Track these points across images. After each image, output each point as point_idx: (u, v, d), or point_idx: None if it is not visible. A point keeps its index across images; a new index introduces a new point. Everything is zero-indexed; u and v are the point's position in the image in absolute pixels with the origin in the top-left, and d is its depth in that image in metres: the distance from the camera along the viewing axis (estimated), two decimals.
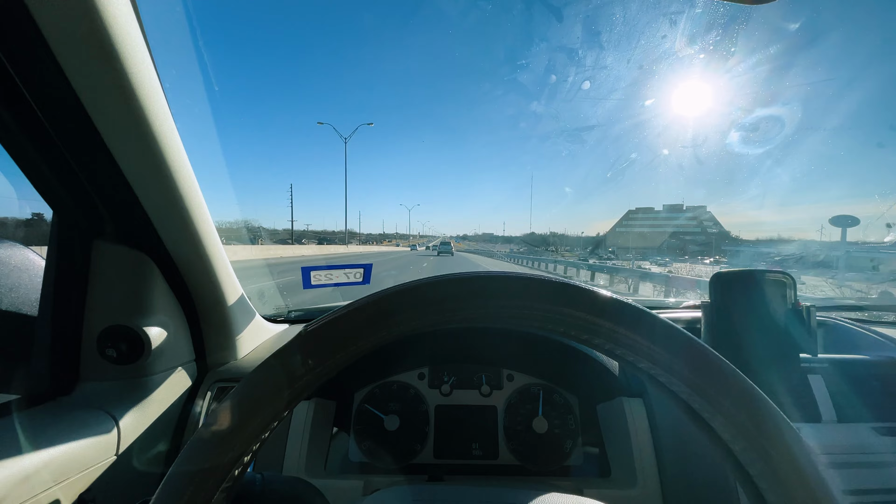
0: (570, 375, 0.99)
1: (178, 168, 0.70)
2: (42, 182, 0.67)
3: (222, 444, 0.31)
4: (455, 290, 0.35)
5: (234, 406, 0.32)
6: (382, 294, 0.35)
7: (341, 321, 0.34)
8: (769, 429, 0.32)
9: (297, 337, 0.34)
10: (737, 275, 0.84)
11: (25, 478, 0.57)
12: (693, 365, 0.33)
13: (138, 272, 0.77)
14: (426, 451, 0.95)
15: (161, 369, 0.82)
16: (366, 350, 0.34)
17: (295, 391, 0.33)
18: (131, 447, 0.73)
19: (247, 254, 19.56)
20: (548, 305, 0.34)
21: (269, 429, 0.33)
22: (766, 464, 0.32)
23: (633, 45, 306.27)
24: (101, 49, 0.54)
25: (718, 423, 0.34)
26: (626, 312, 0.34)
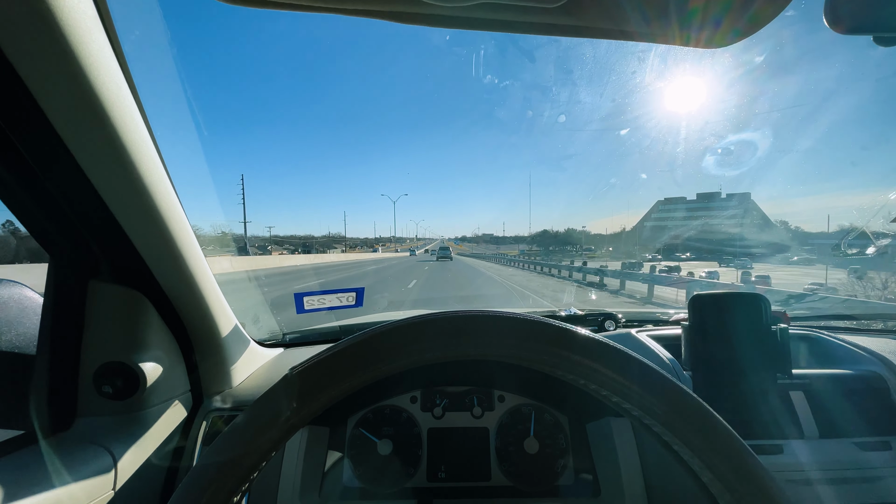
0: (559, 395, 1.01)
1: (167, 209, 0.72)
2: (37, 227, 0.70)
3: (212, 485, 0.33)
4: (436, 330, 0.37)
5: (222, 449, 0.34)
6: (365, 336, 0.36)
7: (325, 363, 0.35)
8: (735, 465, 0.34)
9: (282, 380, 0.35)
10: (713, 296, 0.86)
11: None
12: (666, 404, 0.36)
13: (133, 309, 0.80)
14: (419, 475, 0.96)
15: (156, 402, 0.84)
16: (350, 390, 0.36)
17: (281, 432, 0.35)
18: (128, 482, 0.75)
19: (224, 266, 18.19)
20: (527, 344, 0.37)
21: (258, 468, 0.35)
22: (730, 494, 0.34)
23: (605, 81, 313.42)
24: (91, 107, 0.56)
25: (696, 465, 0.36)
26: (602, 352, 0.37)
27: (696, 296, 0.87)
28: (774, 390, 0.83)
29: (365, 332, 0.37)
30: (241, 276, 13.05)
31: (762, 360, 0.82)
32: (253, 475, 0.35)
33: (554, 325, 0.37)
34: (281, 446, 0.36)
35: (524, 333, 0.37)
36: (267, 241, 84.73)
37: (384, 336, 0.37)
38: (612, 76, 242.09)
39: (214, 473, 0.33)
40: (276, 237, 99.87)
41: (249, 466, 0.34)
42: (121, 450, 0.76)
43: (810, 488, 0.78)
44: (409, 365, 0.37)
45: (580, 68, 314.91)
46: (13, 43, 0.49)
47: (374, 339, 0.36)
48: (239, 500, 0.36)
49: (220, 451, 0.34)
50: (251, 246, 79.89)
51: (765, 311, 0.83)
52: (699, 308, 0.87)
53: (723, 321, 0.84)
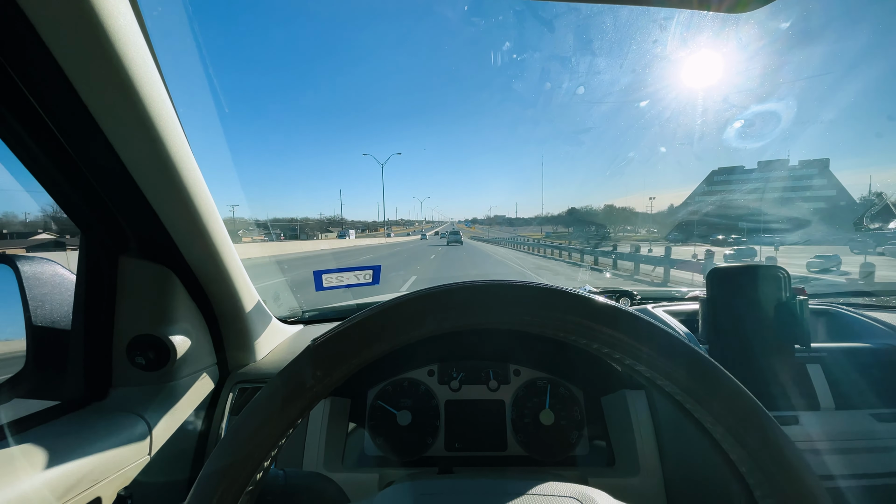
0: (575, 369, 1.02)
1: (194, 187, 0.74)
2: (70, 206, 0.72)
3: (243, 452, 0.35)
4: (453, 300, 0.38)
5: (251, 417, 0.35)
6: (384, 306, 0.37)
7: (346, 334, 0.37)
8: (754, 428, 0.35)
9: (305, 350, 0.37)
10: (733, 269, 0.86)
11: (68, 477, 0.62)
12: (685, 368, 0.36)
13: (161, 284, 0.82)
14: (437, 444, 0.99)
15: (186, 374, 0.88)
16: (370, 360, 0.37)
17: (306, 400, 0.36)
18: (163, 448, 0.79)
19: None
20: (548, 312, 0.37)
21: (286, 435, 0.37)
22: (754, 462, 0.35)
23: (626, 51, 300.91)
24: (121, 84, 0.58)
25: (709, 423, 0.37)
26: (622, 319, 0.37)
27: (715, 269, 0.87)
28: (792, 362, 0.83)
29: (384, 303, 0.38)
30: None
31: (780, 332, 0.83)
32: (280, 442, 0.37)
33: (571, 293, 0.38)
34: (306, 414, 0.37)
35: (542, 302, 0.37)
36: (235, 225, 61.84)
37: (402, 307, 0.37)
38: (633, 45, 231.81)
39: (245, 440, 0.35)
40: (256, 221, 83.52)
41: (277, 434, 0.35)
42: (154, 418, 0.79)
43: (825, 458, 0.79)
44: (428, 334, 0.38)
45: (600, 38, 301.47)
46: (45, 22, 0.51)
47: (393, 310, 0.37)
48: (268, 465, 0.38)
49: (249, 419, 0.35)
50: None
51: (784, 283, 0.83)
52: (717, 281, 0.87)
53: (741, 294, 0.84)
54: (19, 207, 24.53)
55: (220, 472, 0.34)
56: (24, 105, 0.59)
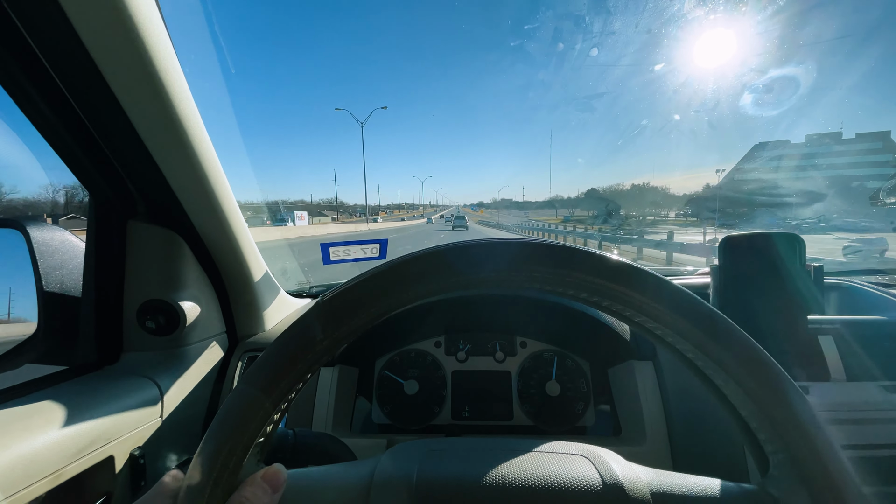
0: (581, 341, 1.02)
1: (202, 151, 0.74)
2: (79, 168, 0.72)
3: (254, 403, 0.34)
4: (463, 257, 0.37)
5: (262, 369, 0.35)
6: (394, 263, 0.37)
7: (355, 289, 0.36)
8: (767, 381, 0.34)
9: (315, 305, 0.37)
10: (746, 238, 0.85)
11: (81, 435, 0.63)
12: (699, 325, 0.35)
13: (170, 249, 0.83)
14: (444, 413, 1.00)
15: (196, 340, 0.88)
16: (380, 316, 0.37)
17: (316, 354, 0.36)
18: (174, 411, 0.80)
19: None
20: (559, 270, 0.36)
21: (296, 389, 0.36)
22: (772, 428, 0.34)
23: (641, 9, 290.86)
24: (130, 42, 0.57)
25: (721, 380, 0.36)
26: (634, 276, 0.36)
27: (728, 237, 0.86)
28: (804, 332, 0.82)
29: (393, 260, 0.37)
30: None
31: (793, 300, 0.82)
32: (290, 395, 0.36)
33: (587, 251, 0.37)
34: (316, 369, 0.37)
35: (557, 259, 0.36)
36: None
37: (413, 262, 0.37)
38: (649, 3, 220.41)
39: (257, 392, 0.35)
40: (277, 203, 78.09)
41: (287, 388, 0.35)
42: (166, 382, 0.80)
43: (835, 428, 0.79)
44: (438, 291, 0.37)
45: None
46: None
47: (403, 266, 0.37)
48: (279, 418, 0.38)
49: (260, 369, 0.35)
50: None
51: (799, 251, 0.81)
52: (731, 249, 0.85)
53: (754, 262, 0.83)
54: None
55: (231, 423, 0.34)
56: (34, 64, 0.59)
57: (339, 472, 0.42)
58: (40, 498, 0.58)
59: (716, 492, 0.37)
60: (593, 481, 0.38)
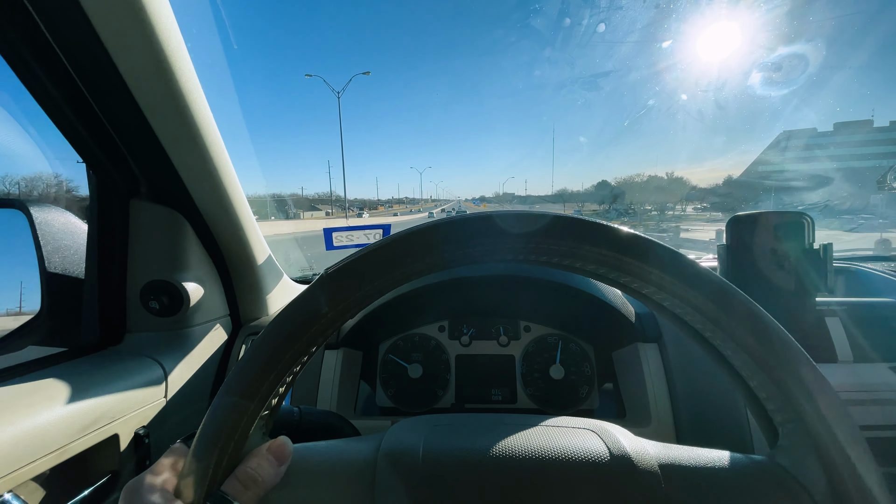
0: (586, 325, 1.02)
1: (207, 130, 0.73)
2: (81, 144, 0.71)
3: (259, 375, 0.34)
4: (468, 229, 0.36)
5: (267, 341, 0.35)
6: (397, 236, 0.36)
7: (359, 262, 0.36)
8: (777, 348, 0.34)
9: (319, 279, 0.36)
10: (754, 217, 0.84)
11: (86, 412, 0.63)
12: (702, 291, 0.35)
13: (173, 229, 0.82)
14: (447, 397, 1.00)
15: (199, 322, 0.88)
16: (383, 289, 0.36)
17: (321, 327, 0.36)
18: (178, 392, 0.80)
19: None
20: (568, 242, 0.36)
21: (300, 362, 0.36)
22: (775, 385, 0.34)
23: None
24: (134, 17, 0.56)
25: (730, 350, 0.36)
26: (645, 247, 0.36)
27: (736, 216, 0.85)
28: (812, 313, 0.82)
29: (396, 233, 0.37)
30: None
31: (802, 279, 0.81)
32: (295, 369, 0.36)
33: (596, 222, 0.36)
34: (321, 343, 0.37)
35: (564, 231, 0.35)
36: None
37: (418, 235, 0.36)
38: None
39: (262, 362, 0.34)
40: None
41: (292, 359, 0.35)
42: (170, 362, 0.80)
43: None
44: (443, 265, 0.37)
45: None
46: None
47: (406, 239, 0.36)
48: (283, 392, 0.38)
49: (265, 342, 0.35)
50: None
51: (808, 230, 0.81)
52: (739, 228, 0.85)
53: (762, 240, 0.82)
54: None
55: (237, 395, 0.34)
56: (38, 39, 0.58)
57: (345, 446, 0.42)
58: (45, 473, 0.58)
59: (725, 463, 0.37)
60: (601, 453, 0.37)
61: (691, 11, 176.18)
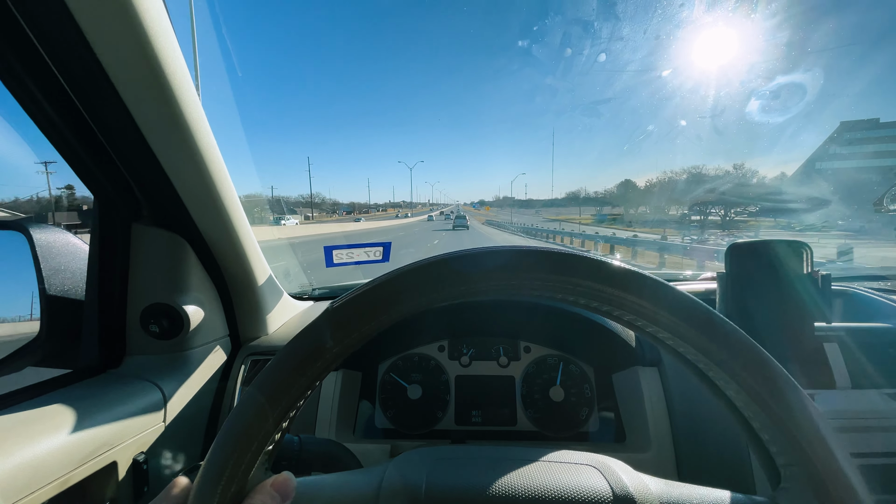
0: (586, 346, 1.02)
1: (208, 154, 0.73)
2: (84, 171, 0.71)
3: (262, 412, 0.34)
4: (472, 265, 0.37)
5: (270, 378, 0.35)
6: (402, 270, 0.37)
7: (365, 297, 0.36)
8: (780, 393, 0.34)
9: (324, 312, 0.36)
10: (753, 245, 0.85)
11: (85, 441, 0.63)
12: (703, 330, 0.35)
13: (174, 253, 0.82)
14: (447, 418, 1.00)
15: (199, 344, 0.88)
16: (388, 323, 0.37)
17: (325, 362, 0.36)
18: (177, 416, 0.80)
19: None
20: (560, 276, 0.36)
21: (304, 397, 0.36)
22: (778, 430, 0.34)
23: (650, 15, 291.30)
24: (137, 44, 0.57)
25: (732, 391, 0.36)
26: (636, 281, 0.36)
27: (735, 244, 0.86)
28: (810, 340, 0.82)
29: (400, 268, 0.37)
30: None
31: (801, 307, 0.81)
32: (299, 403, 0.36)
33: (586, 257, 0.37)
34: (324, 376, 0.37)
35: (561, 266, 0.36)
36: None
37: (422, 270, 0.37)
38: (658, 10, 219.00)
39: (264, 399, 0.34)
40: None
41: (297, 395, 0.35)
42: (169, 386, 0.80)
43: (842, 436, 0.79)
44: (447, 299, 0.37)
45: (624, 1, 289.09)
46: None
47: (413, 273, 0.37)
48: (286, 427, 0.38)
49: (268, 378, 0.35)
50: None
51: (807, 258, 0.81)
52: (737, 256, 0.85)
53: (761, 269, 0.83)
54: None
55: (239, 431, 0.34)
56: (39, 64, 0.58)
57: (347, 480, 0.42)
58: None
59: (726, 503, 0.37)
60: (603, 492, 0.38)
61: (690, 42, 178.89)
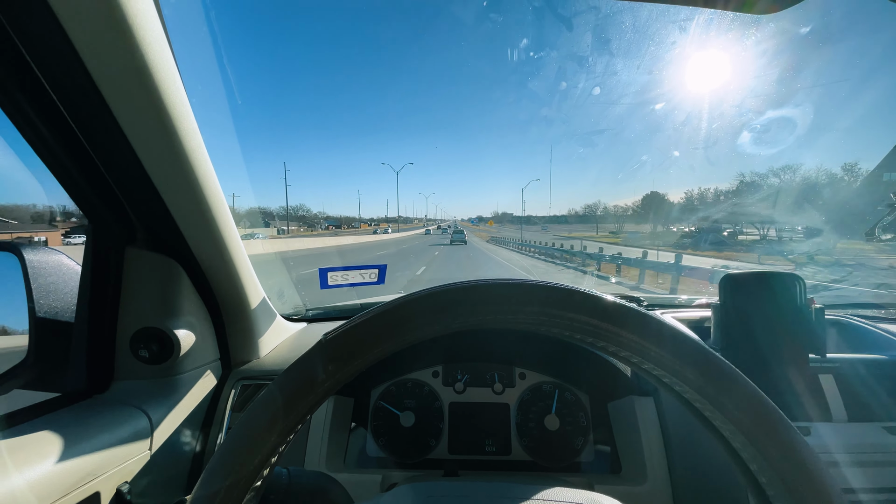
0: (581, 374, 1.01)
1: (204, 178, 0.74)
2: (79, 194, 0.71)
3: (251, 447, 0.34)
4: (465, 297, 0.37)
5: (260, 412, 0.34)
6: (397, 303, 0.37)
7: (359, 329, 0.36)
8: (777, 436, 0.33)
9: (317, 345, 0.36)
10: (747, 276, 0.85)
11: (67, 471, 0.61)
12: (698, 369, 0.35)
13: (167, 277, 0.82)
14: (441, 447, 0.98)
15: (189, 368, 0.86)
16: (382, 356, 0.36)
17: (317, 395, 0.35)
18: (164, 444, 0.78)
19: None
20: (555, 310, 0.36)
21: (294, 430, 0.36)
22: (774, 472, 0.33)
23: (643, 52, 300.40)
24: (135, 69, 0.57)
25: (728, 432, 0.35)
26: (631, 317, 0.36)
27: (728, 275, 0.86)
28: (805, 372, 0.82)
29: (394, 300, 0.37)
30: None
31: (795, 340, 0.81)
32: (289, 437, 0.36)
33: (580, 291, 0.37)
34: (316, 409, 0.37)
35: (556, 301, 0.36)
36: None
37: (416, 303, 0.37)
38: (651, 46, 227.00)
39: (254, 434, 0.34)
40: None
41: (286, 429, 0.35)
42: (156, 412, 0.78)
43: (838, 471, 0.78)
44: (441, 332, 0.37)
45: (618, 38, 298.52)
46: (65, 9, 0.50)
47: (406, 307, 0.37)
48: (275, 461, 0.37)
49: (259, 413, 0.34)
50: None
51: (800, 291, 0.81)
52: (731, 287, 0.85)
53: (755, 301, 0.83)
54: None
55: (228, 467, 0.33)
56: (38, 91, 0.59)
57: None
58: None
59: None
60: None
61: (683, 77, 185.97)
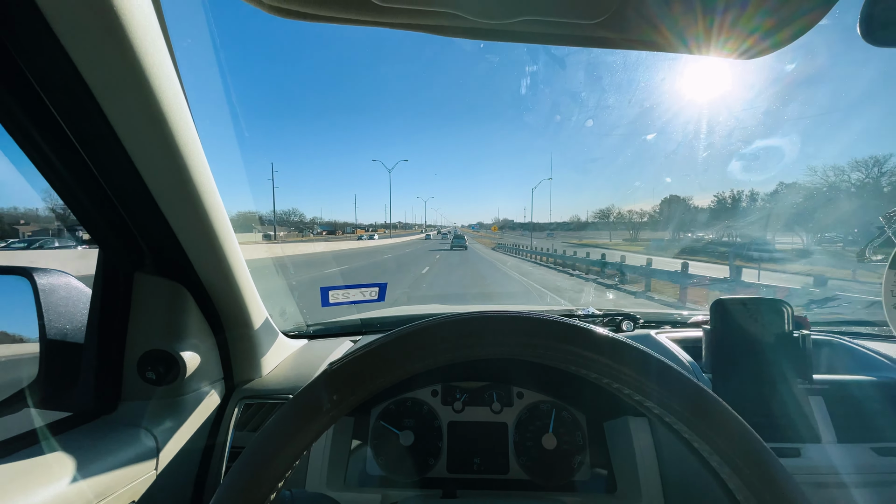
0: (578, 394, 1.03)
1: (211, 206, 0.76)
2: (90, 223, 0.74)
3: (258, 475, 0.35)
4: (468, 329, 0.39)
5: (267, 440, 0.36)
6: (400, 334, 0.39)
7: (363, 360, 0.38)
8: (757, 465, 0.35)
9: (322, 374, 0.38)
10: (736, 301, 0.87)
11: (78, 492, 0.63)
12: (687, 403, 0.37)
13: (174, 301, 0.84)
14: (440, 466, 1.00)
15: (193, 389, 0.88)
16: (385, 386, 0.38)
17: (322, 424, 0.37)
18: (169, 463, 0.80)
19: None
20: (552, 342, 0.38)
21: (299, 457, 0.38)
22: (754, 497, 0.35)
23: (634, 88, 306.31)
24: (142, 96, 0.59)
25: (716, 463, 0.37)
26: (623, 351, 0.38)
27: (719, 300, 0.88)
28: (794, 394, 0.84)
29: (399, 330, 0.39)
30: None
31: (783, 365, 0.83)
32: (295, 464, 0.37)
33: (564, 323, 0.39)
34: (321, 436, 0.38)
35: (552, 333, 0.38)
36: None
37: (417, 335, 0.38)
38: (641, 83, 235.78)
39: (261, 462, 0.36)
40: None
41: (294, 455, 0.36)
42: (162, 433, 0.80)
43: (827, 491, 0.79)
44: (442, 363, 0.39)
45: (610, 75, 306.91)
46: (70, 32, 0.51)
47: (408, 338, 0.38)
48: (281, 486, 0.39)
49: (265, 441, 0.36)
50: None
51: (788, 317, 0.84)
52: (721, 312, 0.88)
53: (745, 326, 0.85)
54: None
55: (236, 494, 0.35)
56: (48, 121, 0.60)
57: None
58: None
59: None
60: None
61: (673, 110, 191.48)
